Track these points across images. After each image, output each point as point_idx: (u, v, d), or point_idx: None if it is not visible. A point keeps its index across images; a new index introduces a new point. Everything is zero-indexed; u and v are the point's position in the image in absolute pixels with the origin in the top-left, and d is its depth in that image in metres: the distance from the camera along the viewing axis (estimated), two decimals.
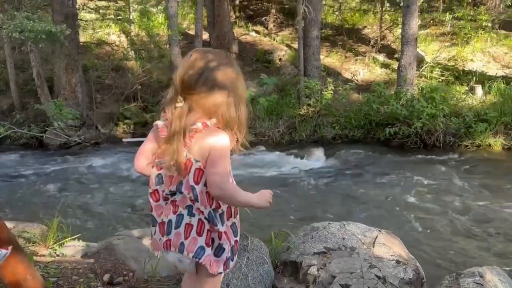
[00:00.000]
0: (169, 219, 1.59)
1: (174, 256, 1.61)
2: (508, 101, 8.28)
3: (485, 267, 2.50)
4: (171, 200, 1.59)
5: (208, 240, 1.57)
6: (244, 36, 13.09)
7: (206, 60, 1.49)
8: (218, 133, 1.49)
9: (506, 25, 11.77)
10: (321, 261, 2.49)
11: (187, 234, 1.57)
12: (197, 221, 1.56)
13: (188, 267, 1.64)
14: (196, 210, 1.55)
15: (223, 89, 1.48)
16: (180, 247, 1.58)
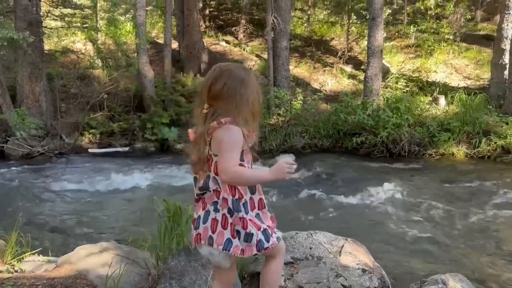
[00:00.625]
0: (198, 215, 1.82)
1: (206, 249, 1.79)
2: (469, 111, 8.59)
3: (448, 274, 2.56)
4: (202, 199, 1.81)
5: (233, 232, 1.74)
6: (214, 46, 13.10)
7: (229, 72, 1.75)
8: (228, 127, 1.68)
9: (467, 38, 12.30)
10: (289, 271, 2.48)
11: (214, 228, 1.76)
12: (221, 216, 1.75)
13: (219, 259, 1.80)
14: (220, 205, 1.75)
15: (243, 95, 1.72)
16: (209, 240, 1.76)
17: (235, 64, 1.89)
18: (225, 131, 1.67)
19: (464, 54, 11.60)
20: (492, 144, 7.93)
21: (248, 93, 1.73)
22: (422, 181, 6.65)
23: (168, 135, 9.11)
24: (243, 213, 1.74)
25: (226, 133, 1.67)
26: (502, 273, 3.61)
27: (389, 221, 4.94)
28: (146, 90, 9.62)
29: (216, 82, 1.72)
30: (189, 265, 2.41)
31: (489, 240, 4.37)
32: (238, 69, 1.80)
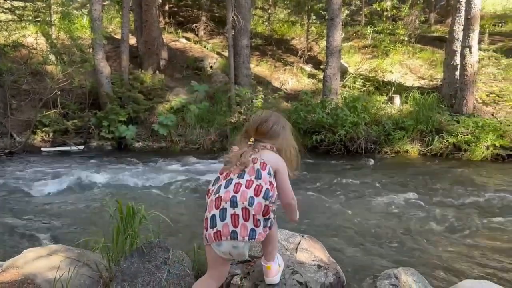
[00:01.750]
0: (212, 214, 2.02)
1: (228, 244, 1.99)
2: (423, 110, 8.93)
3: (400, 268, 2.62)
4: (217, 198, 2.04)
5: (256, 222, 1.99)
6: (174, 43, 12.89)
7: (274, 119, 2.22)
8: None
9: (421, 40, 12.76)
10: (245, 269, 2.47)
11: (236, 223, 1.97)
12: (241, 210, 1.97)
13: (242, 250, 2.02)
14: (240, 199, 1.98)
15: (283, 138, 2.22)
16: (232, 234, 1.97)
17: (276, 114, 2.31)
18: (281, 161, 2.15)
19: (419, 55, 12.02)
20: (444, 142, 8.27)
21: (287, 136, 2.24)
22: (378, 178, 6.83)
23: (126, 133, 8.88)
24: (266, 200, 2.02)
25: (282, 163, 2.15)
26: (452, 266, 3.75)
27: (345, 217, 5.04)
28: (102, 86, 9.33)
29: (263, 124, 2.18)
30: (142, 266, 2.35)
31: (441, 235, 4.54)
32: (281, 117, 2.28)
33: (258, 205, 1.99)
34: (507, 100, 9.14)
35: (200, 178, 6.78)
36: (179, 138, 9.23)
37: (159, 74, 10.73)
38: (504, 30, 13.57)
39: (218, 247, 2.02)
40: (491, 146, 7.98)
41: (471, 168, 7.37)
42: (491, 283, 2.53)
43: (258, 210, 1.99)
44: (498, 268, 3.67)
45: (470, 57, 8.64)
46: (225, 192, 2.03)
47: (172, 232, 3.78)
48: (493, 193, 5.93)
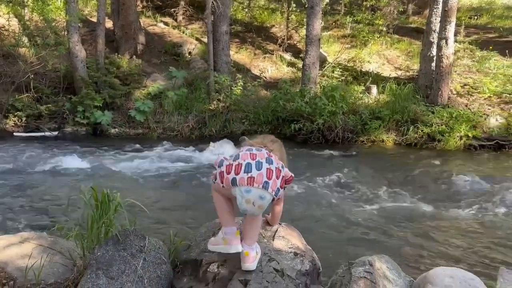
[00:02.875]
0: (247, 162, 2.21)
1: (257, 191, 2.17)
2: (399, 100, 9.06)
3: (375, 256, 2.67)
4: (250, 153, 2.27)
5: (282, 183, 2.28)
6: (151, 27, 12.63)
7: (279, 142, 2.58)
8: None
9: (399, 30, 12.88)
10: (222, 257, 2.47)
11: (270, 176, 2.20)
12: (275, 168, 2.24)
13: (265, 203, 2.22)
14: (274, 161, 2.27)
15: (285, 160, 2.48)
16: (264, 184, 2.17)
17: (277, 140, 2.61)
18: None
19: (396, 46, 12.14)
20: (419, 132, 8.44)
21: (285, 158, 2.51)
22: (354, 167, 6.93)
23: (101, 119, 8.70)
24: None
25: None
26: (424, 254, 3.86)
27: (322, 206, 5.11)
28: (77, 70, 9.08)
29: (276, 141, 2.55)
30: (118, 254, 2.32)
31: (414, 223, 4.66)
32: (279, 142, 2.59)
33: (286, 172, 2.31)
34: (481, 92, 9.37)
35: (177, 165, 6.74)
36: (157, 124, 9.11)
37: (136, 59, 10.52)
38: (479, 22, 13.85)
39: (246, 193, 2.17)
40: (464, 136, 8.20)
41: (444, 158, 7.56)
42: (462, 270, 2.61)
43: (286, 174, 2.30)
44: (469, 256, 3.80)
45: (446, 48, 8.78)
46: (259, 152, 2.28)
47: (148, 220, 3.75)
48: (464, 183, 6.10)
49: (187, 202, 4.93)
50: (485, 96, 9.24)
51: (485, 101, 9.19)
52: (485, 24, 13.75)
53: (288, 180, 2.35)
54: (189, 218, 4.26)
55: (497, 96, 9.22)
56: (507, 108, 8.91)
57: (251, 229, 2.37)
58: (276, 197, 2.25)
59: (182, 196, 5.27)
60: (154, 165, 6.62)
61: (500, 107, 8.99)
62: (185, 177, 6.15)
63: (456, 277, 2.45)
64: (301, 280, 2.41)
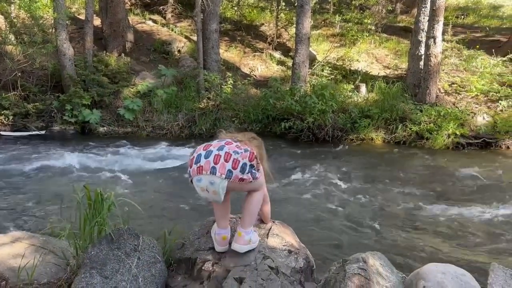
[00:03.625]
0: (199, 153, 2.32)
1: (207, 178, 2.24)
2: (388, 99, 9.14)
3: (368, 252, 2.69)
4: (207, 144, 2.36)
5: (234, 165, 2.25)
6: (140, 25, 12.53)
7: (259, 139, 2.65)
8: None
9: (387, 29, 12.98)
10: (217, 255, 2.46)
11: (217, 161, 2.25)
12: (224, 153, 2.27)
13: (217, 188, 2.23)
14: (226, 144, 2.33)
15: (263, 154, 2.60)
16: (211, 170, 2.23)
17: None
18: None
19: (385, 45, 12.23)
20: (408, 130, 8.52)
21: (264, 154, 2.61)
22: (344, 165, 6.97)
23: (90, 117, 8.61)
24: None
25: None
26: (416, 251, 3.91)
27: (314, 203, 5.13)
28: (65, 69, 8.97)
29: (256, 138, 2.60)
30: (111, 253, 2.30)
31: (405, 220, 4.71)
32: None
33: (244, 153, 2.30)
34: (468, 91, 9.49)
35: (167, 163, 6.70)
36: (146, 123, 9.05)
37: (125, 57, 10.44)
38: (466, 22, 14.02)
39: (198, 182, 2.27)
40: (452, 134, 8.30)
41: (433, 156, 7.64)
42: (453, 266, 2.65)
43: (244, 156, 2.29)
44: (460, 252, 3.85)
45: (434, 47, 8.88)
46: (217, 142, 2.38)
47: (141, 219, 3.72)
48: (454, 180, 6.18)
49: (179, 201, 4.92)
50: (472, 95, 9.37)
51: (472, 99, 9.31)
52: (472, 23, 13.93)
53: (251, 158, 2.33)
54: (182, 217, 4.25)
55: (484, 95, 9.35)
56: (494, 106, 9.04)
57: (245, 213, 2.44)
58: (230, 179, 2.24)
59: (174, 195, 5.25)
60: (144, 164, 6.57)
61: (487, 106, 9.13)
62: (176, 175, 6.13)
63: (448, 273, 2.48)
64: (295, 277, 2.42)
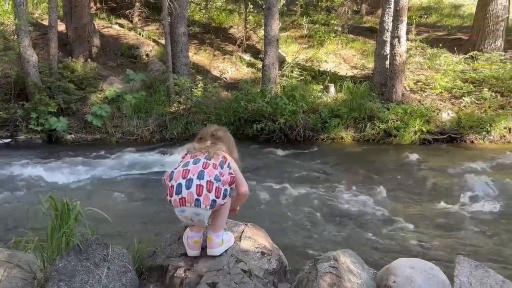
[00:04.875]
0: (178, 183, 2.30)
1: (191, 210, 2.29)
2: (356, 98, 9.31)
3: (339, 250, 2.74)
4: (184, 170, 2.34)
5: (218, 193, 2.31)
6: (106, 29, 12.31)
7: (224, 129, 2.72)
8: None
9: (353, 30, 13.23)
10: (189, 262, 2.45)
11: (200, 192, 2.27)
12: (206, 182, 2.29)
13: (202, 218, 2.32)
14: (207, 174, 2.31)
15: (232, 145, 2.64)
16: (195, 202, 2.27)
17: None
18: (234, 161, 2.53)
19: (351, 45, 12.45)
20: (376, 128, 8.71)
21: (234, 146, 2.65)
22: (315, 164, 7.06)
23: (56, 125, 8.38)
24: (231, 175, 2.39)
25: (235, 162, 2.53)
26: (386, 247, 3.99)
27: (286, 204, 5.17)
28: (29, 76, 8.70)
29: (218, 131, 2.62)
30: (80, 264, 2.25)
31: (374, 217, 4.81)
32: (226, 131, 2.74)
33: (225, 179, 2.35)
34: (433, 88, 9.78)
35: (138, 170, 6.61)
36: (115, 129, 8.88)
37: (91, 62, 10.22)
38: (429, 21, 14.45)
39: (182, 212, 2.32)
40: (419, 131, 8.53)
41: (400, 152, 7.84)
42: (422, 260, 2.72)
43: (225, 182, 2.34)
44: (429, 246, 3.96)
45: (399, 47, 9.11)
46: (194, 166, 2.34)
47: (111, 228, 3.65)
48: (421, 175, 6.36)
49: (151, 208, 4.85)
50: (436, 92, 9.66)
51: (437, 96, 9.61)
52: (435, 22, 14.37)
53: (231, 182, 2.41)
54: (154, 224, 4.19)
55: (448, 92, 9.66)
56: (457, 102, 9.36)
57: (214, 217, 2.46)
58: (214, 208, 2.31)
59: (145, 202, 5.18)
60: (113, 171, 6.45)
61: (451, 102, 9.43)
62: (146, 182, 6.04)
63: (417, 267, 2.56)
64: (268, 279, 2.43)
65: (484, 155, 7.64)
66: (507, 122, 8.68)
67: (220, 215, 2.46)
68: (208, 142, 2.54)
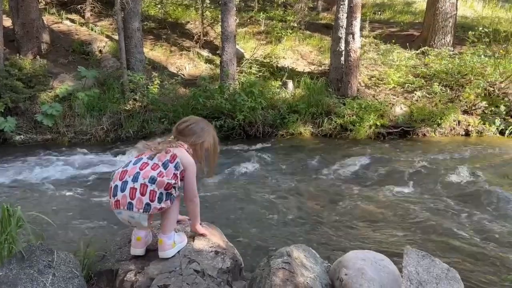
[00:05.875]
0: (115, 184, 2.27)
1: (126, 213, 2.25)
2: (313, 94, 9.44)
3: (292, 246, 2.76)
4: (123, 171, 2.30)
5: (152, 197, 2.22)
6: (56, 25, 11.80)
7: (193, 120, 2.56)
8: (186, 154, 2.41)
9: (310, 26, 13.38)
10: (140, 264, 2.39)
11: (133, 195, 2.21)
12: (139, 185, 2.21)
13: (138, 220, 2.27)
14: (142, 176, 2.23)
15: (198, 136, 2.49)
16: (128, 205, 2.22)
17: (201, 118, 2.67)
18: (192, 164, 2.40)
19: (308, 41, 12.60)
20: (333, 123, 8.87)
21: (205, 137, 2.50)
22: (275, 160, 7.10)
23: (4, 126, 7.96)
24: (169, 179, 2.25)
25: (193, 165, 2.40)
26: (341, 239, 4.07)
27: (244, 201, 5.16)
28: None
29: (182, 123, 2.51)
30: (23, 272, 2.14)
31: (328, 211, 4.88)
32: (202, 120, 2.62)
33: (161, 182, 2.23)
34: (386, 83, 10.07)
35: (90, 170, 6.39)
36: (67, 129, 8.55)
37: (41, 59, 9.77)
38: (382, 18, 14.85)
39: (119, 214, 2.29)
40: (373, 125, 8.77)
41: (356, 146, 8.03)
42: (373, 252, 2.79)
43: (160, 185, 2.23)
44: (378, 238, 4.07)
45: (353, 43, 9.30)
46: (133, 167, 2.29)
47: (58, 233, 3.51)
48: (375, 168, 6.53)
49: (101, 211, 4.68)
50: (390, 87, 9.95)
51: (390, 91, 9.90)
52: (388, 19, 14.78)
53: (168, 186, 2.25)
54: (104, 227, 4.05)
55: (401, 86, 9.97)
56: (410, 97, 9.68)
57: (162, 219, 2.43)
58: (150, 211, 2.23)
59: (96, 204, 5.00)
60: (64, 172, 6.20)
61: (404, 96, 9.75)
62: (98, 183, 5.83)
63: (368, 259, 2.62)
64: (222, 278, 2.41)
65: (435, 147, 7.97)
66: (456, 115, 9.08)
67: (167, 218, 2.40)
68: (171, 137, 2.48)
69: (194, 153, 2.45)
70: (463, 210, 4.78)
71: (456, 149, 7.76)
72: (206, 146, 2.50)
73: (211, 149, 2.54)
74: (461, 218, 4.60)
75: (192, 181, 2.40)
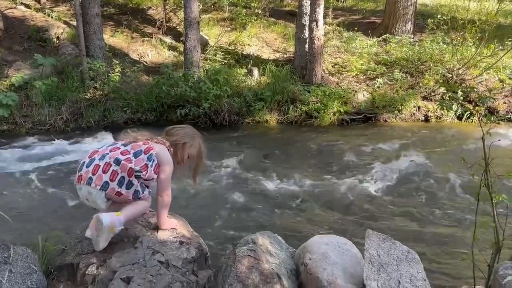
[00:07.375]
0: (83, 161, 2.35)
1: (85, 188, 2.28)
2: (278, 81, 9.44)
3: (258, 233, 2.78)
4: (95, 151, 2.39)
5: (113, 177, 2.27)
6: (10, 10, 11.22)
7: (183, 126, 2.75)
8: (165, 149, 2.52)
9: (274, 13, 13.34)
10: (101, 258, 2.33)
11: (95, 171, 2.27)
12: (104, 163, 2.28)
13: (95, 198, 2.27)
14: (109, 157, 2.31)
15: (183, 137, 2.61)
16: (88, 180, 2.26)
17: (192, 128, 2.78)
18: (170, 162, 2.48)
19: (273, 28, 12.56)
20: (298, 110, 8.93)
21: (189, 141, 2.61)
22: (239, 148, 7.10)
23: None
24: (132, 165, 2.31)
25: (170, 164, 2.48)
26: (306, 224, 4.14)
27: (209, 190, 5.14)
28: None
29: (173, 129, 2.67)
30: None
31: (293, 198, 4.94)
32: (193, 129, 2.75)
33: (124, 165, 2.29)
34: (349, 70, 10.21)
35: (48, 162, 6.16)
36: (25, 119, 8.18)
37: None
38: (345, 5, 15.01)
39: (79, 190, 2.33)
40: (337, 112, 8.89)
41: (320, 133, 8.14)
42: (336, 236, 2.85)
43: (123, 168, 2.29)
44: (341, 222, 4.17)
45: (317, 30, 9.35)
46: (104, 149, 2.39)
47: (15, 227, 3.37)
48: (338, 154, 6.65)
49: (60, 203, 4.54)
50: (353, 74, 10.11)
51: (353, 78, 10.05)
52: (351, 6, 14.95)
53: (131, 172, 2.31)
54: (63, 220, 3.93)
55: (363, 74, 10.14)
56: (372, 84, 9.87)
57: (127, 205, 2.43)
58: (107, 191, 2.27)
59: (54, 196, 4.84)
60: (20, 164, 5.96)
61: (366, 84, 9.93)
62: (56, 174, 5.64)
63: (331, 243, 2.67)
64: (187, 267, 2.40)
65: (396, 132, 8.19)
66: (416, 101, 9.35)
67: (128, 208, 2.39)
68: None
69: (175, 154, 2.54)
70: (420, 194, 4.97)
71: (416, 134, 8.02)
72: (188, 150, 2.58)
73: (195, 157, 2.63)
74: (418, 200, 4.78)
75: (165, 178, 2.46)
